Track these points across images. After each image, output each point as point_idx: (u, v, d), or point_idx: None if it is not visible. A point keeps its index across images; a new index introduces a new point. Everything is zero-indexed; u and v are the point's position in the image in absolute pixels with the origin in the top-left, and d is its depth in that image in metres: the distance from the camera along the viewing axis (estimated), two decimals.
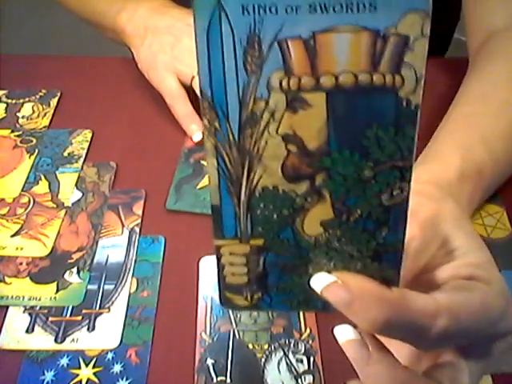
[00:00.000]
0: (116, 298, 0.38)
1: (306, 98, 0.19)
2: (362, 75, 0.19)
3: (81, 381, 0.34)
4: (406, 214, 0.22)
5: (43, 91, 0.54)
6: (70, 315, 0.37)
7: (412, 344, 0.24)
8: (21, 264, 0.39)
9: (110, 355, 0.35)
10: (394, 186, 0.21)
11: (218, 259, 0.24)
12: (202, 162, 0.47)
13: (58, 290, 0.38)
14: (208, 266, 0.40)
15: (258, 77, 0.19)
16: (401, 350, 0.26)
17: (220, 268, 0.24)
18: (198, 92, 0.41)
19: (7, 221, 0.42)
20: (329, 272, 0.23)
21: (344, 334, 0.25)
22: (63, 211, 0.43)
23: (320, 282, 0.23)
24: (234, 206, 0.22)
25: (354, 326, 0.25)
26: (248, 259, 0.23)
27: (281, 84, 0.19)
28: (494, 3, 0.48)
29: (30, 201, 0.44)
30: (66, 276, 0.39)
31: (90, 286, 0.38)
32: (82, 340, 0.36)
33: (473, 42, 0.48)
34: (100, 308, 0.37)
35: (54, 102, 0.53)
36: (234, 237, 0.23)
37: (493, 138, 0.37)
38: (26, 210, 0.43)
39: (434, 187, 0.30)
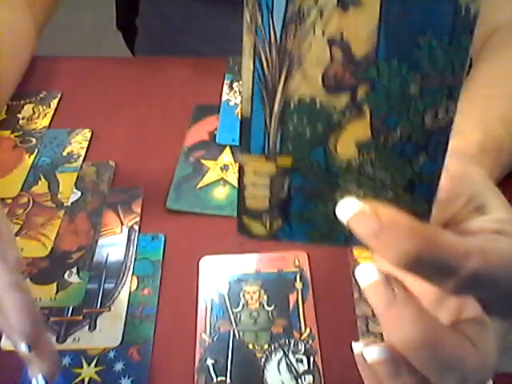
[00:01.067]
0: (116, 297, 0.38)
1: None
2: None
3: (83, 380, 0.34)
4: (447, 141, 0.20)
5: (44, 93, 0.54)
6: (71, 315, 0.37)
7: (439, 284, 0.22)
8: None
9: (111, 354, 0.35)
10: (440, 105, 0.19)
11: (240, 179, 0.22)
12: (202, 160, 0.47)
13: (58, 291, 0.38)
14: (208, 266, 0.40)
15: None
16: (423, 296, 0.24)
17: (241, 189, 0.22)
18: None
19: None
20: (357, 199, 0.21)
21: (367, 274, 0.23)
22: (62, 211, 0.43)
23: (347, 209, 0.21)
24: (265, 118, 0.20)
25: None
26: (272, 181, 0.21)
27: None
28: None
29: (29, 201, 0.44)
30: (66, 276, 0.39)
31: (90, 286, 0.39)
32: (83, 339, 0.36)
33: (477, 37, 0.48)
34: (101, 307, 0.37)
35: (54, 102, 0.53)
36: (260, 153, 0.21)
37: (509, 117, 0.37)
38: (25, 210, 0.43)
39: (459, 155, 0.29)
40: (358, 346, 0.24)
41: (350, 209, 0.21)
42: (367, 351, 0.23)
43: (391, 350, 0.22)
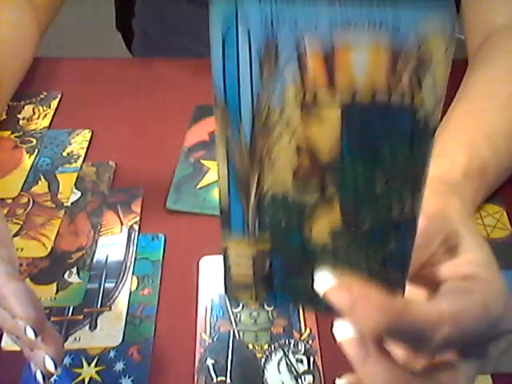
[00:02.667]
0: (117, 297, 0.38)
1: (321, 112, 0.19)
2: (380, 93, 0.19)
3: (83, 380, 0.34)
4: (415, 227, 0.22)
5: (44, 93, 0.54)
6: (72, 314, 0.37)
7: (413, 350, 0.24)
8: (21, 265, 0.39)
9: (112, 353, 0.35)
10: (405, 202, 0.21)
11: (225, 260, 0.24)
12: (202, 161, 0.47)
13: (57, 291, 0.38)
14: (208, 266, 0.40)
15: (274, 88, 0.19)
16: (397, 348, 0.26)
17: (226, 268, 0.24)
18: None
19: (7, 221, 0.42)
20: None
21: (343, 331, 0.25)
22: (62, 211, 0.43)
23: (323, 283, 0.23)
24: (242, 210, 0.22)
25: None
26: (254, 261, 0.23)
27: (296, 96, 0.19)
28: (493, 2, 0.48)
29: (29, 201, 0.44)
30: (66, 276, 0.39)
31: (90, 285, 0.39)
32: (84, 339, 0.36)
33: (473, 41, 0.48)
34: (101, 306, 0.37)
35: (54, 103, 0.53)
36: (241, 239, 0.23)
37: (497, 135, 0.37)
38: (25, 210, 0.43)
39: (441, 184, 0.30)
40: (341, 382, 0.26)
41: (325, 283, 0.22)
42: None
43: None
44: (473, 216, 0.37)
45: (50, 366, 0.29)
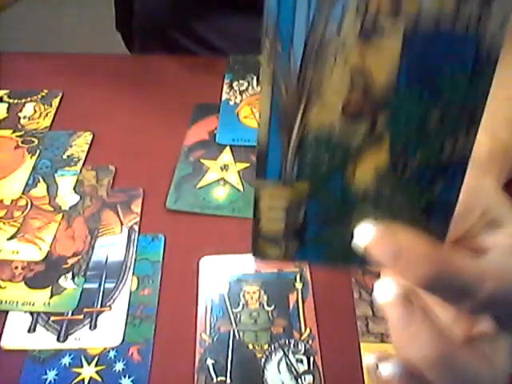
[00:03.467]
0: (117, 297, 0.38)
1: (383, 25, 0.18)
2: (445, 20, 0.17)
3: (83, 379, 0.34)
4: (465, 168, 0.20)
5: (45, 91, 0.54)
6: (72, 314, 0.37)
7: (456, 305, 0.22)
8: (16, 268, 0.39)
9: (112, 353, 0.35)
10: (460, 135, 0.20)
11: (256, 202, 0.22)
12: (202, 160, 0.47)
13: (52, 296, 0.38)
14: (208, 266, 0.40)
15: (331, 12, 0.17)
16: (438, 312, 0.24)
17: (257, 213, 0.22)
18: None
19: (4, 224, 0.42)
20: (374, 222, 0.21)
21: (385, 292, 0.23)
22: (60, 215, 0.43)
23: (365, 233, 0.21)
24: (282, 146, 0.20)
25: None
26: (289, 205, 0.21)
27: (358, 6, 0.17)
28: None
29: (27, 204, 0.44)
30: (61, 281, 0.39)
31: (90, 285, 0.39)
32: (84, 338, 0.36)
33: None
34: (101, 306, 0.37)
35: (55, 101, 0.53)
36: (277, 179, 0.21)
37: None
38: (23, 212, 0.43)
39: (471, 164, 0.29)
40: (370, 358, 0.24)
41: (366, 235, 0.21)
42: (383, 367, 0.23)
43: (406, 364, 0.22)
44: None
45: None
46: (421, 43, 0.18)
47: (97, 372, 0.34)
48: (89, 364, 0.35)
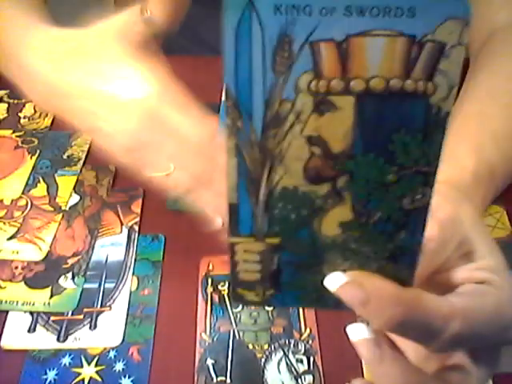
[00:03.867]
0: (117, 297, 0.38)
1: (334, 101, 0.19)
2: (394, 81, 0.18)
3: (83, 379, 0.34)
4: (425, 218, 0.22)
5: None
6: (72, 314, 0.37)
7: (424, 345, 0.24)
8: (16, 268, 0.39)
9: (112, 353, 0.35)
10: (417, 190, 0.21)
11: (232, 256, 0.23)
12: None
13: (51, 296, 0.38)
14: (208, 266, 0.40)
15: (286, 78, 0.19)
16: (411, 349, 0.26)
17: (233, 265, 0.24)
18: None
19: (4, 223, 0.42)
20: (344, 271, 0.23)
21: (357, 332, 0.25)
22: (60, 215, 0.43)
23: (335, 281, 0.22)
24: (251, 205, 0.21)
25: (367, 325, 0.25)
26: (262, 257, 0.23)
27: (309, 86, 0.19)
28: (496, 1, 0.48)
29: (27, 203, 0.44)
30: (61, 281, 0.39)
31: (90, 285, 0.39)
32: (84, 338, 0.36)
33: (475, 40, 0.48)
34: (101, 306, 0.38)
35: None
36: (249, 234, 0.22)
37: (502, 138, 0.37)
38: (23, 212, 0.43)
39: (451, 188, 0.30)
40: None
41: (337, 281, 0.22)
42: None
43: None
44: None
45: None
46: (372, 102, 0.19)
47: (97, 372, 0.34)
48: (89, 364, 0.35)
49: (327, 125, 0.19)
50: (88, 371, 0.34)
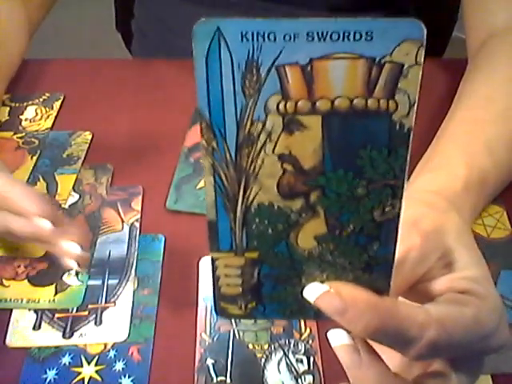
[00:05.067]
0: (121, 292, 0.38)
1: (302, 121, 0.20)
2: (357, 100, 0.20)
3: (83, 379, 0.34)
4: (397, 228, 0.23)
5: (47, 94, 0.54)
6: (77, 311, 0.37)
7: (401, 352, 0.24)
8: (19, 267, 0.39)
9: (112, 353, 0.35)
10: (386, 203, 0.22)
11: (214, 271, 0.24)
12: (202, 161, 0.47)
13: (56, 293, 0.38)
14: (208, 266, 0.40)
15: (256, 100, 0.20)
16: (392, 356, 0.26)
17: (215, 279, 0.25)
18: None
19: None
20: (321, 282, 0.24)
21: (337, 338, 0.26)
22: (60, 213, 0.43)
23: (313, 291, 0.23)
24: (229, 221, 0.22)
25: (347, 331, 0.26)
26: (243, 271, 0.24)
27: (278, 107, 0.20)
28: (493, 4, 0.48)
29: None
30: (65, 278, 0.39)
31: (94, 282, 0.39)
32: (89, 334, 0.36)
33: (472, 43, 0.48)
34: (106, 302, 0.38)
35: (57, 104, 0.53)
36: (229, 250, 0.23)
37: (496, 145, 0.37)
38: None
39: (440, 198, 0.30)
40: None
41: (315, 292, 0.23)
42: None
43: None
44: (472, 227, 0.38)
45: (75, 249, 0.29)
46: (338, 120, 0.20)
47: (97, 371, 0.34)
48: (89, 363, 0.35)
49: (297, 143, 0.21)
50: (88, 371, 0.34)
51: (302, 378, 0.34)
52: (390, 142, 0.20)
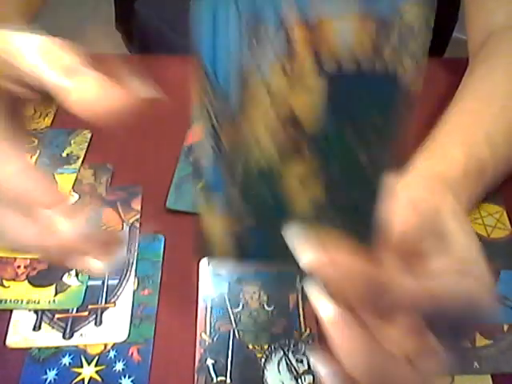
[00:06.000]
0: (121, 293, 0.38)
1: (308, 82, 0.20)
2: (365, 62, 0.19)
3: (83, 379, 0.34)
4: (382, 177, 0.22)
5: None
6: (77, 311, 0.37)
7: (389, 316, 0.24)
8: (19, 267, 0.39)
9: (112, 353, 0.35)
10: (387, 169, 0.22)
11: (202, 229, 0.23)
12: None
13: (56, 293, 0.38)
14: (208, 266, 0.40)
15: (262, 59, 0.19)
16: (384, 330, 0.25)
17: (202, 233, 0.24)
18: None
19: None
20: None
21: (325, 309, 0.25)
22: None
23: (306, 254, 0.22)
24: (227, 186, 0.22)
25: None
26: (235, 233, 0.23)
27: (283, 67, 0.19)
28: (494, 2, 0.48)
29: None
30: (65, 279, 0.39)
31: (94, 282, 0.39)
32: (89, 335, 0.36)
33: (474, 41, 0.49)
34: (106, 303, 0.38)
35: (55, 102, 0.53)
36: (224, 216, 0.23)
37: (495, 137, 0.37)
38: None
39: (439, 182, 0.30)
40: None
41: (308, 255, 0.22)
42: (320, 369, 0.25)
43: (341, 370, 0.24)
44: (469, 215, 0.38)
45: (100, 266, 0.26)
46: (344, 82, 0.20)
47: (97, 372, 0.34)
48: (89, 364, 0.35)
49: (301, 105, 0.20)
50: (88, 371, 0.34)
51: (302, 378, 0.34)
52: (396, 106, 0.20)
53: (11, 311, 0.37)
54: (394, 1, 0.18)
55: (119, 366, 0.35)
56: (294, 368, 0.34)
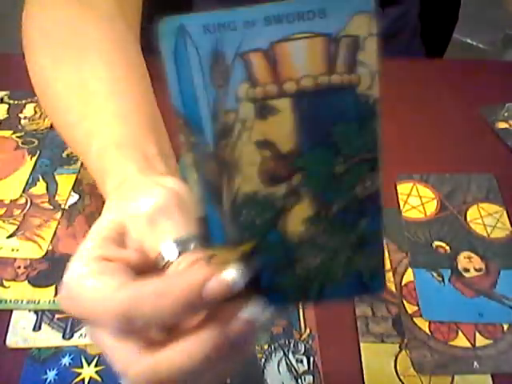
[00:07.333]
0: None
1: (273, 105, 0.21)
2: (321, 77, 0.20)
3: (83, 379, 0.34)
4: (380, 203, 0.23)
5: None
6: None
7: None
8: (19, 268, 0.40)
9: None
10: (365, 178, 0.22)
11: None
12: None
13: (56, 293, 0.38)
14: None
15: (226, 90, 0.20)
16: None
17: None
18: None
19: (3, 221, 0.42)
20: (315, 267, 0.23)
21: None
22: (59, 213, 0.43)
23: None
24: (218, 215, 0.22)
25: None
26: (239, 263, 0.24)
27: (247, 94, 0.20)
28: None
29: (27, 202, 0.44)
30: None
31: None
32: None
33: None
34: None
35: None
36: (222, 245, 0.23)
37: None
38: (22, 211, 0.43)
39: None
40: None
41: None
42: None
43: None
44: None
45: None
46: (306, 100, 0.20)
47: (96, 372, 0.34)
48: (89, 364, 0.35)
49: (272, 128, 0.21)
50: (88, 371, 0.34)
51: (302, 378, 0.34)
52: (359, 115, 0.21)
53: (11, 311, 0.37)
54: (336, 16, 0.19)
55: None
56: (294, 368, 0.34)
